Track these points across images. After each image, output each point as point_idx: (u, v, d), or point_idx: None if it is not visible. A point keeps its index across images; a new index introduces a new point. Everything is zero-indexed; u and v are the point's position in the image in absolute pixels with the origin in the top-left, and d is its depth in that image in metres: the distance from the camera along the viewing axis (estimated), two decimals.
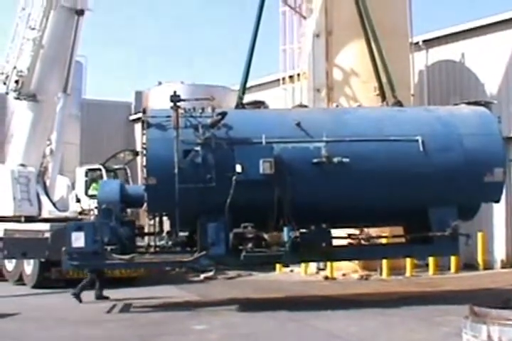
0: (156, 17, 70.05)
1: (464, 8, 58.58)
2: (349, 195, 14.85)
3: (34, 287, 21.14)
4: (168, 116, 14.62)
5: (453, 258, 22.85)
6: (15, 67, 22.22)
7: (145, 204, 14.88)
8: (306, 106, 18.34)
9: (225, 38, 65.06)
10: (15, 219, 21.01)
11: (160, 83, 30.23)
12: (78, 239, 14.70)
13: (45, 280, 21.13)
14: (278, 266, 24.55)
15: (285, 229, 14.56)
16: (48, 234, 18.63)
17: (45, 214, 21.37)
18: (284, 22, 27.18)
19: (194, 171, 14.41)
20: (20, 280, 22.10)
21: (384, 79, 17.97)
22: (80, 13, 22.40)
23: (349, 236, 15.64)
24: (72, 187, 24.08)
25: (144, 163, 14.66)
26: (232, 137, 14.68)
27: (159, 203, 14.63)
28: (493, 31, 24.90)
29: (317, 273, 24.00)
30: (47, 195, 22.02)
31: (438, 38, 26.47)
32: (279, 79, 27.33)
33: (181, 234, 15.59)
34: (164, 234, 15.52)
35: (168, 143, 14.43)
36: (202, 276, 23.78)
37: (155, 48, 69.01)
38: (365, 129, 15.14)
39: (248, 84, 18.37)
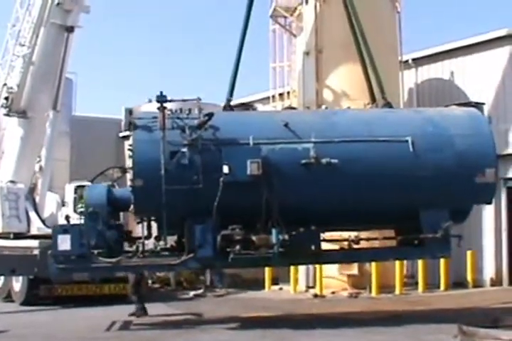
0: (150, 32, 70.39)
1: (453, 27, 59.06)
2: (338, 197, 14.64)
3: (22, 304, 21.02)
4: (155, 118, 14.49)
5: (442, 276, 22.90)
6: (5, 84, 22.19)
7: (131, 207, 14.68)
8: (294, 109, 18.25)
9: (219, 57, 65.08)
10: (3, 235, 20.83)
11: (150, 100, 29.99)
12: (64, 242, 14.50)
13: (34, 298, 21.00)
14: (267, 283, 24.44)
15: (273, 231, 14.31)
16: (36, 251, 18.52)
17: (34, 231, 21.15)
18: (274, 40, 27.32)
19: (181, 172, 14.25)
20: (8, 297, 21.94)
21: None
22: (70, 30, 22.40)
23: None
24: (62, 203, 23.90)
25: (131, 165, 14.45)
26: (219, 138, 14.54)
27: (146, 205, 14.44)
28: (483, 50, 25.00)
29: (306, 291, 23.88)
30: (36, 211, 21.84)
31: (427, 56, 26.58)
32: (269, 97, 27.30)
33: (170, 238, 15.42)
34: (152, 238, 15.27)
35: (155, 144, 14.29)
36: (191, 294, 23.62)
37: (146, 65, 69.06)
38: (355, 130, 14.97)
39: (238, 102, 18.36)
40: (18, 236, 20.71)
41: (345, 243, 15.36)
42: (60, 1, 22.17)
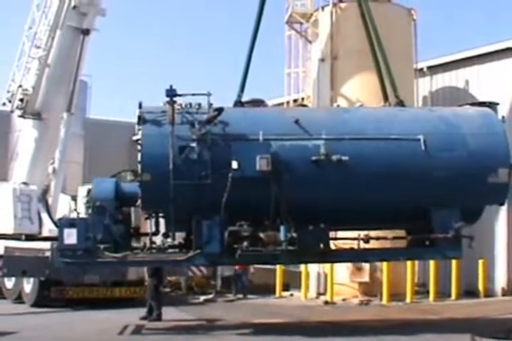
0: (169, 36, 70.62)
1: (469, 35, 58.99)
2: (348, 195, 14.45)
3: (33, 305, 20.95)
4: (164, 112, 14.36)
5: (454, 285, 22.70)
6: (20, 86, 22.24)
7: (139, 201, 14.54)
8: (306, 106, 18.12)
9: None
10: (15, 237, 20.70)
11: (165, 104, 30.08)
12: (70, 236, 14.37)
13: (45, 299, 20.93)
14: (278, 289, 24.27)
15: (282, 228, 14.14)
16: (48, 253, 18.42)
17: (45, 233, 20.99)
18: (289, 46, 27.31)
19: (189, 167, 14.09)
20: (19, 299, 21.86)
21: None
22: (86, 32, 22.53)
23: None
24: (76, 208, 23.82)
25: (139, 159, 14.32)
26: (228, 133, 14.39)
27: (154, 200, 14.29)
28: (498, 58, 24.89)
29: (317, 297, 23.74)
30: (48, 213, 21.75)
31: (442, 64, 26.49)
32: (283, 103, 27.20)
33: (178, 236, 15.26)
34: (160, 235, 15.11)
35: (164, 138, 14.16)
36: (202, 298, 23.51)
37: (163, 69, 69.13)
38: (366, 128, 14.80)
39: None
40: (29, 237, 20.59)
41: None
42: (76, 3, 22.34)
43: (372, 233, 15.25)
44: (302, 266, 24.11)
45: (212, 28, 70.31)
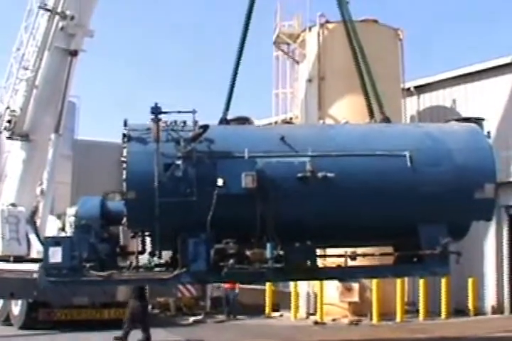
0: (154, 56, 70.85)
1: (455, 55, 59.45)
2: (334, 212, 14.36)
3: (21, 328, 20.87)
4: (149, 129, 14.31)
5: (443, 304, 22.69)
6: (8, 107, 22.23)
7: (124, 219, 14.46)
8: (292, 123, 18.10)
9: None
10: (3, 258, 20.67)
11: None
12: (55, 255, 14.25)
13: (33, 321, 20.86)
14: (268, 310, 24.18)
15: (268, 245, 14.02)
16: (36, 275, 18.18)
17: (34, 254, 20.99)
18: (277, 66, 27.42)
19: (175, 185, 14.00)
20: (7, 321, 21.74)
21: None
22: (74, 53, 22.54)
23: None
24: (62, 228, 23.75)
25: (124, 177, 14.25)
26: (213, 151, 14.32)
27: (139, 218, 14.18)
28: (485, 77, 25.07)
29: (307, 317, 23.73)
30: (37, 234, 21.70)
31: (430, 83, 26.60)
32: (271, 123, 27.12)
33: (165, 254, 15.19)
34: (146, 253, 15.03)
35: (149, 156, 14.08)
36: (191, 319, 23.41)
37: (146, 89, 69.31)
38: (352, 144, 14.74)
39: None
40: (17, 259, 20.56)
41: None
42: (64, 25, 22.38)
43: (359, 250, 15.15)
44: (292, 286, 24.08)
45: (198, 47, 70.56)
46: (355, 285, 23.02)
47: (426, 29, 62.70)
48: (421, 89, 26.85)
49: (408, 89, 26.51)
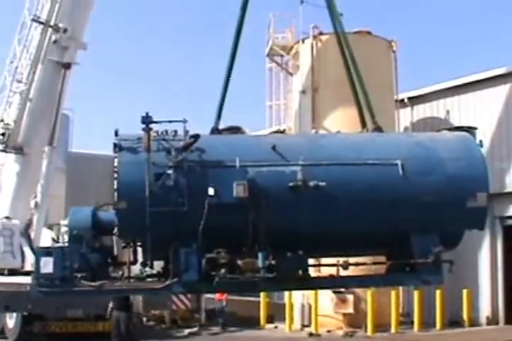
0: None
1: (449, 67, 59.65)
2: (326, 221, 14.30)
3: None
4: (140, 139, 14.27)
5: (438, 315, 22.64)
6: (2, 120, 22.25)
7: (115, 229, 14.40)
8: (283, 133, 18.11)
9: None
10: None
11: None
12: (47, 265, 14.17)
13: (28, 334, 20.88)
14: (262, 321, 24.10)
15: (260, 255, 13.95)
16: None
17: (28, 267, 20.90)
18: (270, 78, 27.53)
19: (166, 195, 13.93)
20: (2, 334, 21.76)
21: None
22: (67, 66, 22.57)
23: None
24: (57, 240, 23.74)
25: (115, 187, 14.21)
26: (205, 160, 14.26)
27: (130, 227, 14.10)
28: (479, 89, 25.18)
29: (301, 329, 23.73)
30: (31, 247, 21.62)
31: (423, 95, 26.65)
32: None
33: (157, 265, 15.11)
34: (139, 264, 14.95)
35: (140, 166, 14.01)
36: (186, 332, 23.36)
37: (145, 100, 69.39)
38: (343, 153, 14.70)
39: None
40: (12, 272, 20.50)
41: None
42: (57, 38, 22.45)
43: (352, 259, 15.08)
44: (286, 298, 24.00)
45: (190, 56, 70.74)
46: (350, 297, 22.99)
47: (419, 40, 62.98)
48: (414, 100, 26.93)
49: (402, 100, 26.60)
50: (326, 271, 15.50)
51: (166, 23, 72.16)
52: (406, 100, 26.57)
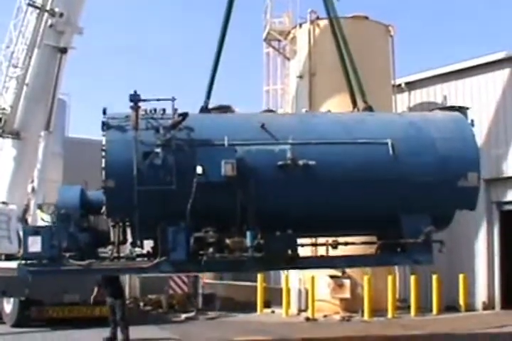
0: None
1: (446, 51, 59.42)
2: (315, 200, 14.23)
3: (14, 326, 20.90)
4: (128, 117, 14.16)
5: (435, 300, 22.57)
6: None
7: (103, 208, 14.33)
8: (273, 111, 18.00)
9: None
10: None
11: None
12: (35, 244, 14.10)
13: (25, 319, 20.84)
14: (259, 306, 24.02)
15: (248, 234, 13.86)
16: None
17: None
18: (267, 63, 27.39)
19: (154, 173, 13.87)
20: None
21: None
22: (64, 51, 22.49)
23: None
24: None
25: (103, 165, 14.13)
26: (193, 139, 14.18)
27: (118, 206, 14.05)
28: (476, 74, 24.98)
29: (298, 314, 23.63)
30: None
31: (420, 80, 26.50)
32: None
33: (147, 244, 15.06)
34: (128, 244, 14.89)
35: (128, 144, 13.96)
36: (183, 316, 23.30)
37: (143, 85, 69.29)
38: (333, 132, 14.60)
39: None
40: (8, 257, 20.47)
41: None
42: (53, 22, 22.34)
43: (341, 239, 14.98)
44: (283, 283, 23.95)
45: (181, 37, 70.75)
46: (347, 282, 22.93)
47: (417, 25, 62.77)
48: (412, 85, 26.78)
49: (399, 85, 26.44)
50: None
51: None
52: (403, 85, 26.40)
